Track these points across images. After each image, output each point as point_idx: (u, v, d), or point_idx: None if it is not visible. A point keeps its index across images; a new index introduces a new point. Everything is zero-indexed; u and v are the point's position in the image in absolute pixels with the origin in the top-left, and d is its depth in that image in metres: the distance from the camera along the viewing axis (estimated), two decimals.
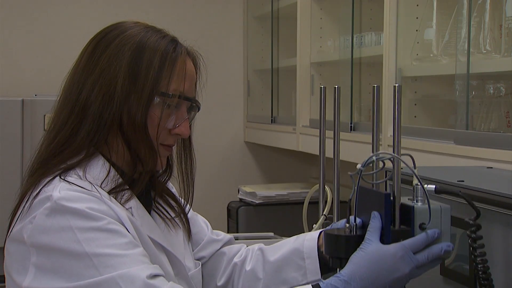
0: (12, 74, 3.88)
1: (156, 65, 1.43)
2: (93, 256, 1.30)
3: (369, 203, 1.38)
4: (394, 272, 1.31)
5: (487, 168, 1.90)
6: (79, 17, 3.95)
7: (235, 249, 1.71)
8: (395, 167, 1.36)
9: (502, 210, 1.42)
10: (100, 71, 1.43)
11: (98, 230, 1.32)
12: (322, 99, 1.62)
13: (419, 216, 1.34)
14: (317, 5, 3.37)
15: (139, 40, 1.45)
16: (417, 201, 1.36)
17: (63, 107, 1.46)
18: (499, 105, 2.16)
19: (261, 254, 1.66)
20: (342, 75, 2.98)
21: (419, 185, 1.36)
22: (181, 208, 1.60)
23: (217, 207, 3.80)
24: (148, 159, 1.45)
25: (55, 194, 1.34)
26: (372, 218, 1.35)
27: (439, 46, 2.39)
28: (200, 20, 4.14)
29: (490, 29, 2.07)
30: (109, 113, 1.42)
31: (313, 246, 1.59)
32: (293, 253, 1.60)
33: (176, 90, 1.45)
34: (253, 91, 4.20)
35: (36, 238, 1.33)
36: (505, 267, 1.42)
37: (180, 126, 1.47)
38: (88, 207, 1.33)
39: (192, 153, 1.57)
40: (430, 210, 1.34)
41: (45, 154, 1.45)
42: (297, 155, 3.99)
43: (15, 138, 3.32)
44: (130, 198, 1.44)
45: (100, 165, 1.43)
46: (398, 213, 1.35)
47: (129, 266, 1.30)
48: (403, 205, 1.36)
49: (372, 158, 1.36)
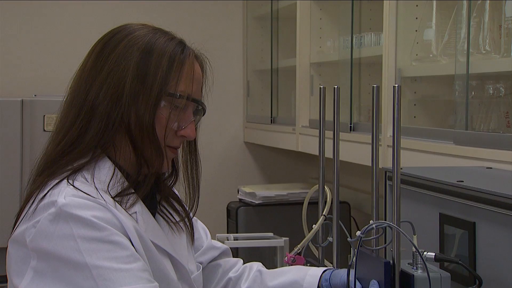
0: (12, 74, 3.88)
1: (165, 66, 1.43)
2: (93, 267, 1.30)
3: (369, 269, 1.39)
4: None
5: (486, 168, 1.90)
6: (79, 18, 3.95)
7: (231, 263, 1.71)
8: (395, 235, 1.37)
9: (502, 210, 1.42)
10: (108, 71, 1.43)
11: (101, 241, 1.32)
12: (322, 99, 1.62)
13: (419, 285, 1.34)
14: (317, 5, 3.37)
15: (148, 41, 1.45)
16: (417, 268, 1.37)
17: (70, 108, 1.46)
18: (498, 105, 2.16)
19: (260, 276, 1.66)
20: (342, 76, 2.98)
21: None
22: (185, 212, 1.60)
23: (216, 207, 3.80)
24: (154, 161, 1.45)
25: (60, 200, 1.34)
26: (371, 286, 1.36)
27: (438, 47, 2.39)
28: (200, 20, 4.14)
29: (489, 29, 2.07)
30: (117, 113, 1.42)
31: (314, 283, 1.59)
32: (292, 285, 1.60)
33: (184, 91, 1.45)
34: (252, 91, 4.20)
35: (38, 243, 1.33)
36: (506, 267, 1.42)
37: (186, 128, 1.47)
38: (92, 215, 1.33)
39: (197, 157, 1.58)
40: (430, 280, 1.34)
41: (53, 155, 1.44)
42: (297, 155, 3.99)
43: (15, 138, 3.32)
44: (135, 202, 1.44)
45: (107, 168, 1.43)
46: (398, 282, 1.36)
47: (127, 283, 1.30)
48: (403, 272, 1.37)
49: (371, 226, 1.38)
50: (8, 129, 3.33)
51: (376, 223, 1.39)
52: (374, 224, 1.38)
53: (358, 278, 1.40)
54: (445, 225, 1.62)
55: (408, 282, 1.35)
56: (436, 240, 1.64)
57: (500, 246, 1.43)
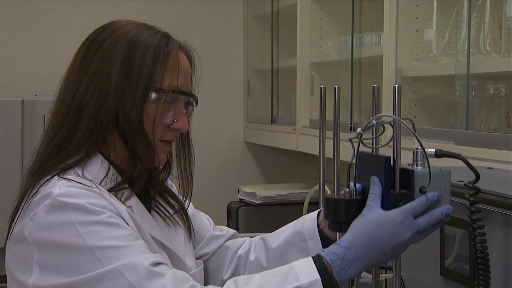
0: (12, 74, 3.88)
1: (149, 61, 1.44)
2: (96, 249, 1.30)
3: (368, 168, 1.37)
4: (395, 237, 1.30)
5: (487, 168, 1.90)
6: (79, 17, 3.94)
7: (239, 242, 1.72)
8: (395, 131, 1.36)
9: (502, 210, 1.42)
10: (94, 71, 1.44)
11: (99, 223, 1.32)
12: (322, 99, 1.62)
13: (419, 180, 1.33)
14: (317, 5, 3.37)
15: (131, 37, 1.45)
16: (417, 165, 1.34)
17: (59, 109, 1.47)
18: (499, 105, 2.16)
19: (263, 243, 1.66)
20: (342, 76, 2.98)
21: (419, 149, 1.34)
22: (181, 206, 1.60)
23: (217, 207, 3.80)
24: (146, 156, 1.45)
25: (54, 190, 1.35)
26: (372, 183, 1.34)
27: (439, 47, 2.39)
28: (200, 20, 4.14)
29: (490, 29, 2.07)
30: (104, 113, 1.42)
31: (313, 227, 1.59)
32: (294, 236, 1.61)
33: (170, 85, 1.45)
34: (253, 91, 4.20)
35: (38, 235, 1.33)
36: (505, 267, 1.42)
37: (178, 120, 1.48)
38: (88, 202, 1.34)
39: (191, 148, 1.58)
40: (430, 173, 1.33)
41: (42, 157, 1.45)
42: (297, 155, 3.99)
43: (15, 139, 3.32)
44: (129, 196, 1.44)
45: (99, 164, 1.44)
46: (398, 177, 1.34)
47: (131, 255, 1.30)
48: (403, 169, 1.35)
49: (372, 121, 1.36)
50: (9, 129, 3.33)
51: (376, 117, 1.36)
52: (375, 120, 1.35)
53: (359, 180, 1.38)
54: (446, 225, 1.62)
55: (408, 177, 1.33)
56: (436, 240, 1.64)
57: (500, 246, 1.43)
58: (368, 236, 1.30)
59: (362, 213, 1.33)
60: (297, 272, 1.30)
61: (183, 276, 1.33)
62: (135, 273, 1.28)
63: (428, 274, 1.70)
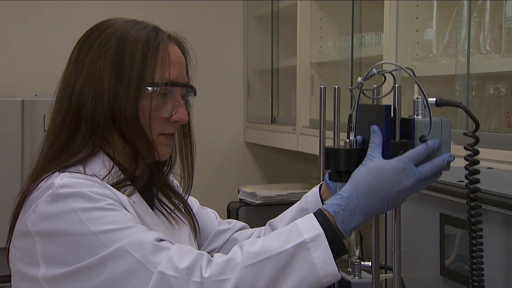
0: (12, 74, 3.88)
1: (139, 56, 1.44)
2: (99, 233, 1.30)
3: (369, 119, 1.36)
4: (396, 185, 1.29)
5: (487, 168, 1.90)
6: (80, 17, 3.94)
7: (248, 233, 1.73)
8: (396, 80, 1.34)
9: (502, 210, 1.42)
10: (87, 73, 1.45)
11: (101, 209, 1.32)
12: (322, 99, 1.62)
13: (419, 129, 1.32)
14: (317, 5, 3.37)
15: (120, 35, 1.46)
16: (417, 115, 1.34)
17: (57, 113, 1.48)
18: (499, 105, 2.15)
19: (271, 228, 1.67)
20: (342, 75, 2.98)
21: (419, 99, 1.34)
22: (184, 204, 1.61)
23: (217, 207, 3.76)
24: (146, 152, 1.46)
25: (57, 181, 1.35)
26: (372, 132, 1.33)
27: (439, 47, 2.39)
28: (200, 20, 4.14)
29: (490, 29, 2.07)
30: (101, 113, 1.43)
31: (317, 200, 1.60)
32: (299, 213, 1.60)
33: (163, 78, 1.45)
34: (253, 91, 4.20)
35: (40, 225, 1.33)
36: (505, 267, 1.42)
37: (177, 112, 1.48)
38: (90, 190, 1.34)
39: (192, 140, 1.58)
40: (431, 121, 1.32)
41: (44, 160, 1.46)
42: (297, 155, 3.98)
43: (15, 139, 3.32)
44: (132, 193, 1.44)
45: (101, 162, 1.44)
46: (398, 126, 1.33)
47: (135, 235, 1.30)
48: (403, 119, 1.34)
49: (372, 70, 1.34)
50: (9, 129, 3.32)
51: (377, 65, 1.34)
52: (375, 70, 1.34)
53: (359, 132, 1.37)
54: (446, 225, 1.62)
55: (409, 126, 1.33)
56: (437, 240, 1.64)
57: (501, 246, 1.43)
58: (369, 184, 1.29)
59: (363, 162, 1.31)
60: (300, 228, 1.29)
61: (188, 248, 1.33)
62: (140, 249, 1.28)
63: (428, 274, 1.70)
